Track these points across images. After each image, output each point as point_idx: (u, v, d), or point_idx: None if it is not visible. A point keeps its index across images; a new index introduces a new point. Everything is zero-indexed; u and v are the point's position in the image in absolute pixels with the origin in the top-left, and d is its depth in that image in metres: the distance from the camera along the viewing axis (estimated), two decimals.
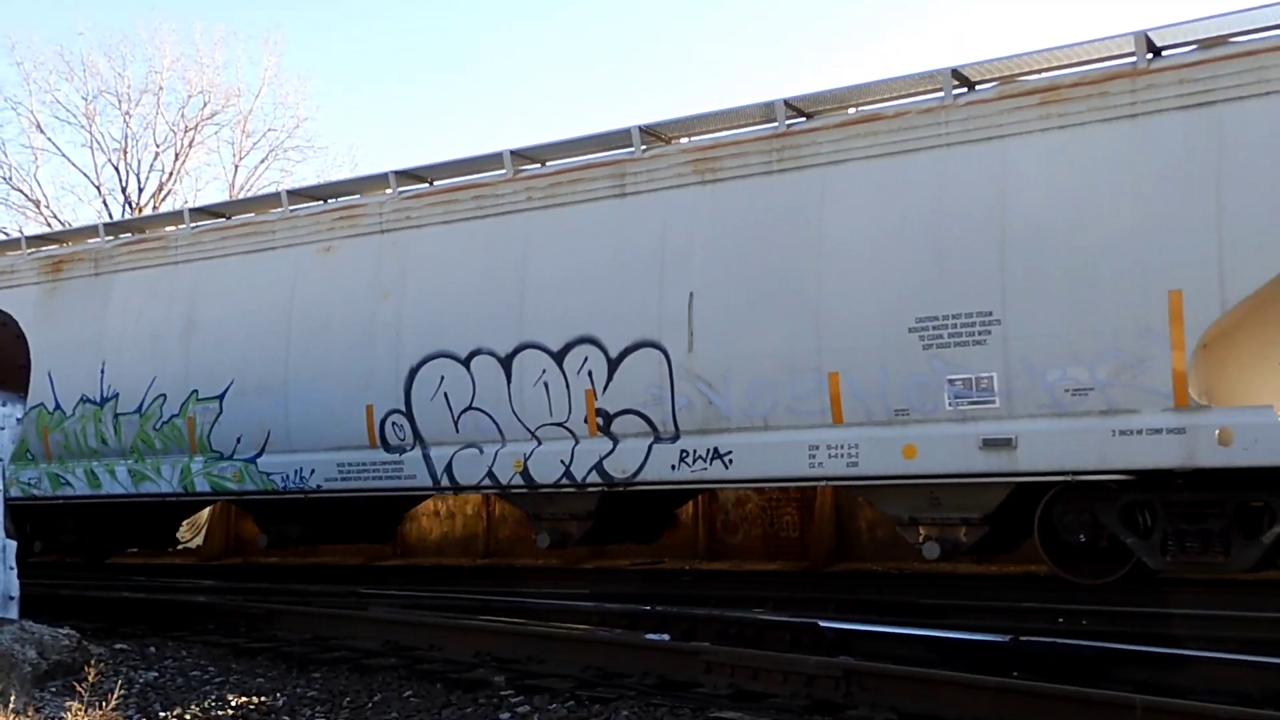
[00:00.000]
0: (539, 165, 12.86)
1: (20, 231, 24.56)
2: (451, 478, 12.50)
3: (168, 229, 15.74)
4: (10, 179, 32.56)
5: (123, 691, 7.07)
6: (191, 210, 15.42)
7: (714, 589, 11.53)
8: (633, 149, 11.91)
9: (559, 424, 11.87)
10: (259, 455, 13.84)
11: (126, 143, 32.52)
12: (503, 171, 12.71)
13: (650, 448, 11.36)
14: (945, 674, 6.28)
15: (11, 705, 6.64)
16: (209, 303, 14.46)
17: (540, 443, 11.99)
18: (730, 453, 10.95)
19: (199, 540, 19.85)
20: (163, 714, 6.78)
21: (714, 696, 6.48)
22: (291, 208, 14.31)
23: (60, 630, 8.08)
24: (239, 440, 13.95)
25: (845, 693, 6.22)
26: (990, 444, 9.77)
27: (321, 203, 14.48)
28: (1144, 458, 9.20)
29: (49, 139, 33.00)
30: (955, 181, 10.13)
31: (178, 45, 34.99)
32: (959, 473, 9.94)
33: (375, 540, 15.79)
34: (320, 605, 10.37)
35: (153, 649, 8.81)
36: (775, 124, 11.19)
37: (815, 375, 10.54)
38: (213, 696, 7.11)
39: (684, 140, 12.10)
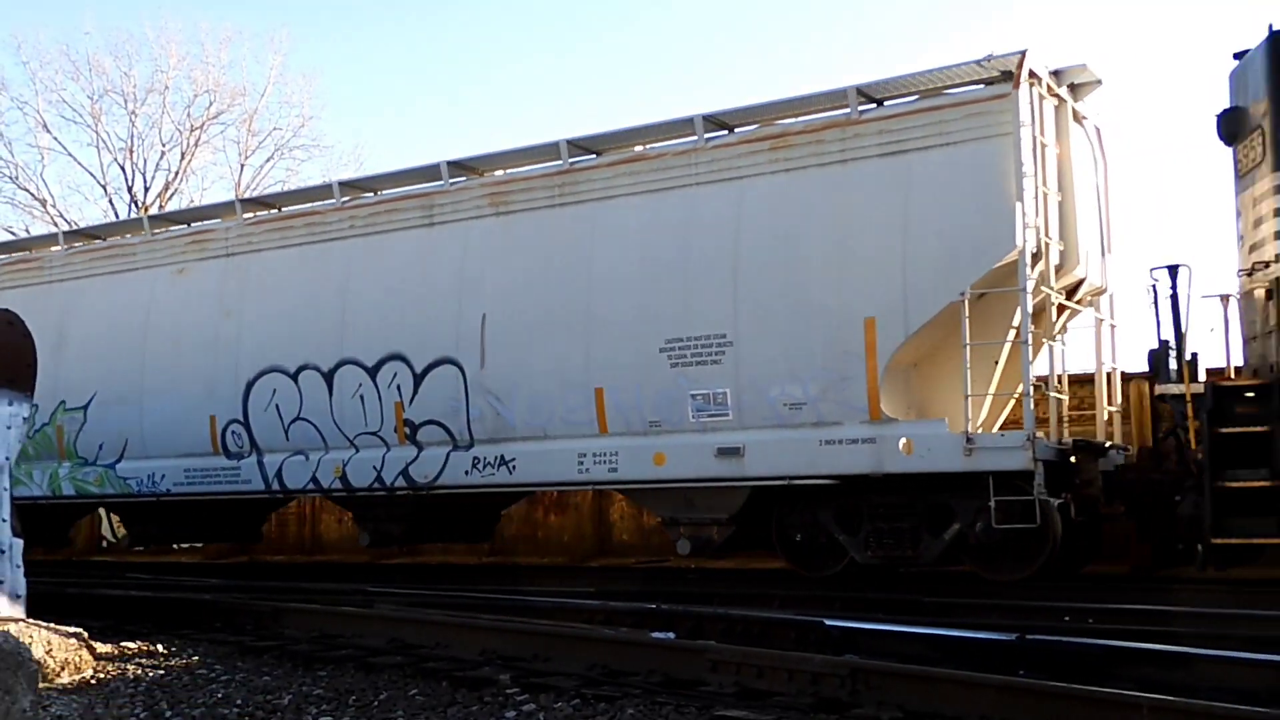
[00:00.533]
0: (371, 194, 14.03)
1: None
2: (281, 482, 13.64)
3: (53, 249, 16.83)
4: (17, 178, 32.92)
5: (129, 690, 7.22)
6: (66, 233, 16.58)
7: (719, 587, 11.59)
8: (442, 182, 13.08)
9: (373, 433, 13.03)
10: (118, 461, 14.97)
11: (132, 142, 33.00)
12: (333, 201, 13.87)
13: (448, 455, 12.53)
14: (951, 672, 6.22)
15: (19, 703, 6.65)
16: (77, 319, 15.57)
17: (357, 450, 13.15)
18: (514, 460, 12.14)
19: None
20: (169, 712, 6.71)
21: (719, 695, 6.42)
22: (153, 232, 15.44)
23: (67, 628, 8.01)
24: (101, 447, 15.07)
25: (851, 691, 6.14)
26: (724, 452, 10.97)
27: (185, 226, 15.60)
28: (845, 464, 10.43)
29: (55, 138, 33.44)
30: (701, 217, 11.32)
31: (184, 44, 35.47)
32: (699, 477, 11.14)
33: (235, 540, 16.88)
34: (326, 603, 10.32)
35: (159, 647, 8.67)
36: (560, 162, 12.36)
37: (584, 390, 11.73)
38: (219, 695, 7.05)
39: (499, 173, 13.27)
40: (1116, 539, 11.86)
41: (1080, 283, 11.22)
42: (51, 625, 8.02)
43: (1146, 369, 10.26)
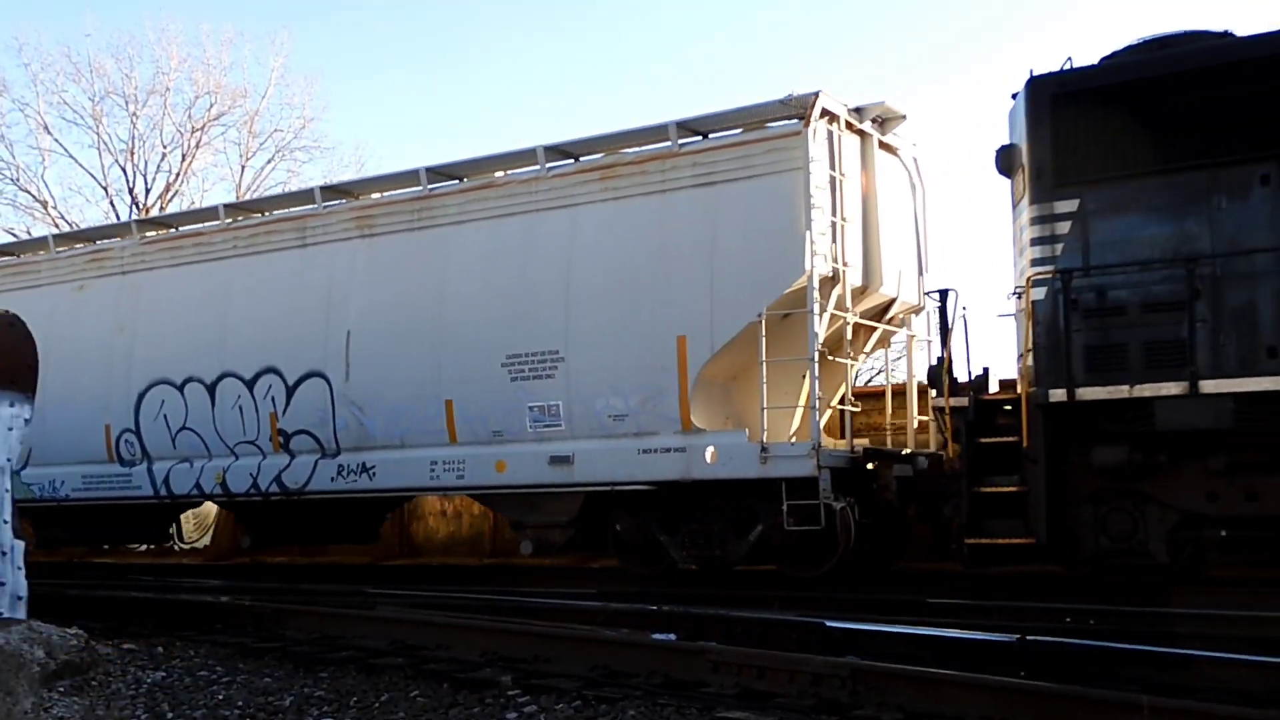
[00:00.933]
0: (261, 214, 14.87)
1: None
2: (169, 488, 14.48)
3: None
4: (18, 180, 32.99)
5: (130, 691, 7.27)
6: None
7: (720, 589, 11.62)
8: (315, 205, 13.93)
9: (251, 442, 13.87)
10: (22, 468, 15.73)
11: (134, 144, 32.94)
12: (217, 222, 14.71)
13: (317, 463, 13.38)
14: (952, 674, 6.19)
15: (20, 704, 6.66)
16: None
17: (237, 458, 13.99)
18: (374, 467, 12.99)
19: (206, 540, 19.59)
20: (170, 714, 6.75)
21: (720, 696, 6.40)
22: (57, 250, 16.26)
23: (68, 630, 7.98)
24: None
25: (851, 692, 6.14)
26: (556, 460, 11.83)
27: (90, 244, 16.42)
28: (660, 471, 11.30)
29: (56, 140, 33.51)
30: (540, 240, 12.19)
31: (185, 46, 34.99)
32: (535, 484, 12.00)
33: (140, 541, 17.67)
34: (328, 605, 10.43)
35: (160, 649, 8.65)
36: (420, 188, 13.22)
37: (436, 402, 12.58)
38: (220, 696, 7.08)
39: (375, 196, 14.11)
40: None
41: (891, 302, 12.10)
42: (53, 627, 8.04)
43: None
